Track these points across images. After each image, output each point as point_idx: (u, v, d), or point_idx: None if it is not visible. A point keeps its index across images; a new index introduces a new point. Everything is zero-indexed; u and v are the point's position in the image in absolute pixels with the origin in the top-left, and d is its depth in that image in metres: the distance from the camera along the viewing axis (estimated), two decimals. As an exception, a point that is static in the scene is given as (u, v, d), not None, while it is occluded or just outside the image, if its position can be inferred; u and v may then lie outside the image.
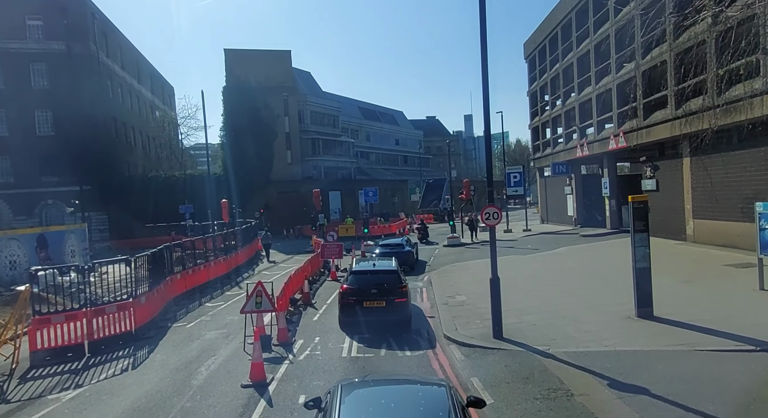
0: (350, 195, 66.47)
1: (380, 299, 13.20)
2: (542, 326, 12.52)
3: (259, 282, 12.99)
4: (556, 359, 10.06)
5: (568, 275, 19.51)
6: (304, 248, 37.14)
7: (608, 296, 15.11)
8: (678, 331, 11.12)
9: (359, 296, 13.35)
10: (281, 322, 13.13)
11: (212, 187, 53.17)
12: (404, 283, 13.92)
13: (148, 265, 15.15)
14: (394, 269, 14.38)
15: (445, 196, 65.62)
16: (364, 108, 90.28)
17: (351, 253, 29.18)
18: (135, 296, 13.94)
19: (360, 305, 13.24)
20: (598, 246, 26.97)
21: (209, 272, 22.53)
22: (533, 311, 14.22)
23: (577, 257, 24.06)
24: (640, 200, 11.87)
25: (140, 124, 62.58)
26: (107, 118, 52.67)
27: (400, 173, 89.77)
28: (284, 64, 61.07)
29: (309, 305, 17.59)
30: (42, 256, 25.46)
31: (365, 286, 13.52)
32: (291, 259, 32.14)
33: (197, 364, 11.53)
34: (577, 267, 21.14)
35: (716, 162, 21.17)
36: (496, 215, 12.28)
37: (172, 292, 18.11)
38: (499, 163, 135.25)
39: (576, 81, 33.91)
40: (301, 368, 10.91)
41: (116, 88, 56.26)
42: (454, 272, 22.21)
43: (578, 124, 33.96)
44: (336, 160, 69.69)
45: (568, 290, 16.73)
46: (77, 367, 11.75)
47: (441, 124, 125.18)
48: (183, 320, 16.13)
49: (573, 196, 37.12)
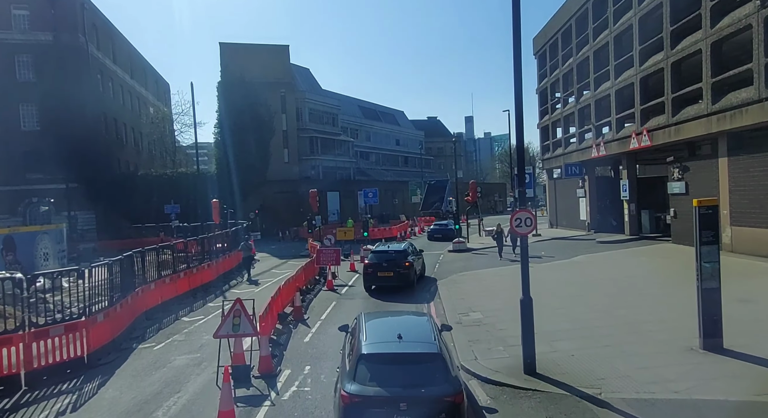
0: (349, 196, 64.22)
1: (389, 270, 19.02)
2: (583, 358, 10.22)
3: (237, 300, 10.72)
4: (615, 411, 7.76)
5: (595, 288, 17.22)
6: (299, 252, 34.85)
7: (653, 319, 12.81)
8: (765, 371, 8.82)
9: (375, 267, 19.24)
10: (264, 349, 10.80)
11: (205, 186, 51.25)
12: (409, 260, 19.39)
13: (111, 275, 12.84)
14: (401, 249, 20.14)
15: (448, 198, 63.39)
16: (365, 107, 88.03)
17: (350, 258, 26.89)
18: (90, 314, 11.62)
19: (375, 275, 19.23)
20: (620, 254, 24.65)
21: (191, 279, 20.22)
22: (567, 335, 11.92)
23: (599, 266, 21.74)
24: (708, 205, 9.55)
25: (133, 121, 60.30)
26: (97, 114, 50.43)
27: (400, 174, 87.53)
28: (282, 60, 58.81)
29: (301, 322, 15.27)
30: (9, 259, 23.13)
31: (380, 261, 19.35)
32: (285, 264, 29.83)
33: (155, 404, 9.20)
34: (604, 279, 18.82)
35: (761, 162, 18.86)
36: (530, 222, 9.99)
37: (144, 305, 15.80)
38: (500, 165, 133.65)
39: (592, 76, 31.65)
40: (284, 413, 8.60)
41: (107, 83, 54.03)
42: (464, 282, 19.90)
43: (594, 123, 31.69)
44: (335, 159, 67.42)
45: (602, 307, 14.43)
46: (5, 406, 9.43)
47: (442, 125, 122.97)
48: (152, 340, 13.79)
49: (586, 200, 34.85)
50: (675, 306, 13.74)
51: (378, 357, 7.12)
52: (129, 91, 61.31)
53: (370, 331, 7.89)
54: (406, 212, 65.59)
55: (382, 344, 7.45)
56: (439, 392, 6.71)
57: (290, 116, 59.65)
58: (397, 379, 6.85)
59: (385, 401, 6.64)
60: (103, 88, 52.62)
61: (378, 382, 6.80)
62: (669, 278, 18.09)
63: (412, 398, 6.64)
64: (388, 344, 7.42)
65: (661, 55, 24.06)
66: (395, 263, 19.05)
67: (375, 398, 6.67)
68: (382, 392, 6.69)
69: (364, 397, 6.67)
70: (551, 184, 42.01)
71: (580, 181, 35.52)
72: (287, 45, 59.17)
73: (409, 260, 19.37)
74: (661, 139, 24.54)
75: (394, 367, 7.03)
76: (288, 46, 59.29)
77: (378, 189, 47.08)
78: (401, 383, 6.80)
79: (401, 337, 7.49)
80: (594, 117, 31.73)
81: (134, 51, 63.59)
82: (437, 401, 6.66)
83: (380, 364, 7.03)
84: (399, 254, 19.63)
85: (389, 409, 6.59)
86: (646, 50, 25.59)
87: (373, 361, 7.05)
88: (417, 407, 6.58)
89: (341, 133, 70.34)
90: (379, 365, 7.00)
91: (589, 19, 31.81)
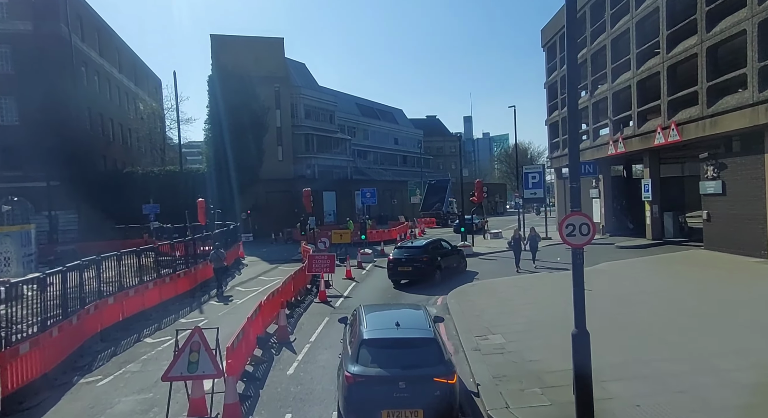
0: (346, 196, 61.69)
1: (408, 265, 20.15)
2: (654, 411, 7.70)
3: (195, 330, 8.17)
4: None
5: (634, 305, 14.67)
6: (292, 255, 32.34)
7: (725, 349, 10.26)
8: None
9: (396, 263, 20.41)
10: (231, 394, 8.19)
11: (194, 185, 48.65)
12: (427, 256, 20.28)
13: (44, 292, 10.26)
14: (420, 245, 21.08)
15: (449, 199, 60.90)
16: (362, 105, 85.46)
17: (346, 263, 24.36)
18: (9, 345, 9.04)
19: (396, 269, 20.40)
20: (648, 262, 22.06)
21: (163, 290, 17.67)
22: (620, 372, 9.40)
23: (630, 276, 19.16)
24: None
25: (121, 117, 57.62)
26: (81, 108, 47.83)
27: (399, 174, 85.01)
28: (276, 53, 56.22)
29: (285, 345, 12.72)
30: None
31: (401, 256, 20.49)
32: (274, 270, 27.25)
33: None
34: (640, 293, 16.25)
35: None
36: (586, 229, 7.48)
37: (99, 323, 13.24)
38: (499, 166, 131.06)
39: (609, 67, 29.16)
40: None
41: (92, 76, 51.39)
42: (476, 294, 17.36)
43: (611, 117, 29.21)
44: (332, 158, 64.85)
45: (651, 331, 11.90)
46: None
47: (441, 124, 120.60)
48: (99, 371, 11.21)
49: (601, 201, 32.38)
50: (748, 333, 11.23)
51: (378, 342, 7.73)
52: (117, 86, 58.66)
53: (369, 320, 8.50)
54: (405, 213, 63.06)
55: (382, 330, 8.13)
56: (434, 373, 7.26)
57: (285, 112, 57.07)
58: (396, 361, 7.42)
59: (385, 380, 7.19)
60: (87, 81, 50.01)
61: (379, 363, 7.38)
62: (724, 293, 15.53)
63: (410, 378, 7.19)
64: (387, 330, 8.10)
65: (694, 39, 21.54)
66: (414, 259, 20.26)
67: (376, 377, 7.23)
68: (383, 372, 7.26)
69: (367, 377, 7.22)
70: (560, 184, 39.53)
71: (594, 181, 33.05)
72: (282, 38, 56.57)
73: (426, 255, 20.38)
74: (692, 134, 22.05)
75: (393, 350, 7.62)
76: (282, 38, 56.74)
77: (376, 189, 44.58)
78: (400, 365, 7.35)
79: (399, 324, 8.14)
80: (611, 111, 29.25)
81: (123, 44, 60.94)
82: (433, 381, 7.19)
83: (380, 348, 7.62)
84: (418, 249, 20.83)
85: (389, 387, 7.13)
86: (676, 34, 23.09)
87: (374, 345, 7.64)
88: (414, 386, 7.13)
89: (338, 131, 67.79)
90: (379, 349, 7.59)
91: (607, 4, 29.33)
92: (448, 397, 7.24)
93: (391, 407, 7.05)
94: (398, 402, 7.06)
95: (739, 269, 18.66)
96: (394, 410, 7.05)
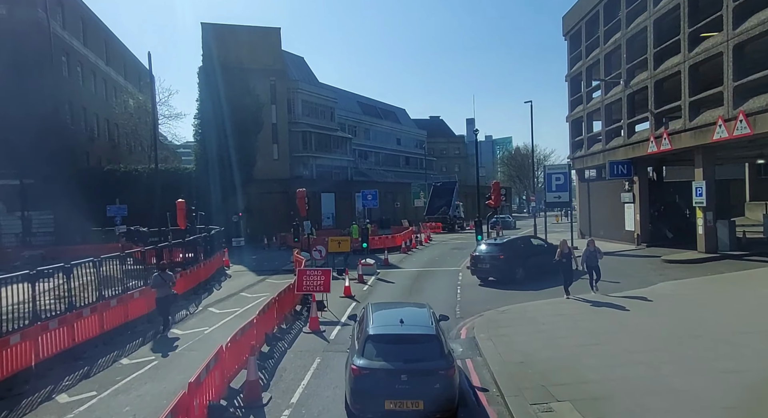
0: (346, 198, 57.83)
1: (486, 262, 20.26)
2: None
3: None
4: None
5: (748, 357, 10.50)
6: (284, 264, 28.53)
7: None
8: None
9: (476, 260, 20.52)
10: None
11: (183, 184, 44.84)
12: (504, 254, 19.99)
13: None
14: (500, 243, 21.20)
15: (456, 202, 56.99)
16: (364, 103, 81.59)
17: (344, 277, 20.41)
18: None
19: (476, 265, 20.47)
20: (719, 283, 17.64)
21: (129, 308, 13.86)
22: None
23: (709, 304, 14.75)
24: None
25: (107, 112, 53.77)
26: (60, 101, 44.23)
27: (401, 175, 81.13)
28: (272, 44, 52.43)
29: (253, 412, 8.76)
30: None
31: (480, 253, 20.50)
32: (261, 283, 23.30)
33: None
34: (745, 334, 11.95)
35: None
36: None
37: (25, 358, 9.32)
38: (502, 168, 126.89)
39: (651, 51, 25.24)
40: None
41: (75, 67, 47.65)
42: (511, 326, 13.36)
43: (653, 110, 25.29)
44: (331, 158, 60.95)
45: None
46: None
47: (445, 125, 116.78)
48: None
49: (635, 206, 28.42)
50: None
51: (382, 337, 8.20)
52: (104, 79, 54.87)
53: (376, 317, 8.99)
54: (408, 217, 59.15)
55: (387, 326, 8.57)
56: (434, 366, 7.73)
57: (281, 108, 53.26)
58: (399, 355, 7.86)
59: (388, 373, 7.67)
60: (69, 72, 46.29)
61: (382, 357, 7.87)
62: None
63: (411, 371, 7.66)
64: (392, 326, 8.54)
65: None
66: (492, 257, 19.92)
67: (380, 370, 7.72)
68: (386, 365, 7.75)
69: (371, 369, 7.74)
70: (583, 186, 35.57)
71: (627, 184, 29.12)
72: (278, 27, 52.77)
73: (504, 253, 19.84)
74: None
75: (396, 345, 8.07)
76: (279, 28, 52.99)
77: (378, 191, 40.70)
78: (402, 359, 7.80)
79: (403, 321, 8.60)
80: (652, 103, 25.33)
81: (111, 35, 57.10)
82: (432, 373, 7.67)
83: (384, 343, 8.10)
84: (496, 246, 20.49)
85: (392, 379, 7.62)
86: (744, 6, 19.18)
87: (379, 340, 8.12)
88: (415, 378, 7.60)
89: (338, 129, 63.93)
90: (384, 344, 8.07)
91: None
92: (448, 389, 7.63)
93: (394, 398, 7.45)
94: (400, 393, 7.47)
95: None
96: (396, 400, 7.44)
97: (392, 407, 7.45)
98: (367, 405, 7.65)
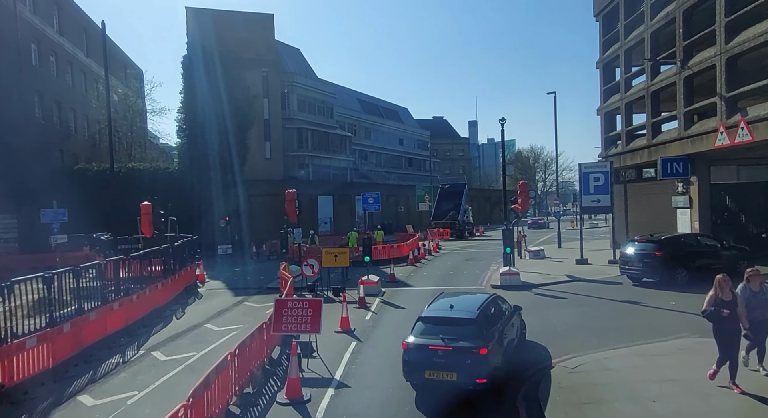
0: (345, 201, 53.08)
1: (638, 262, 19.17)
2: None
3: None
4: None
5: None
6: (270, 280, 23.86)
7: None
8: None
9: (626, 259, 19.77)
10: None
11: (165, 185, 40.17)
12: (662, 251, 18.73)
13: None
14: (658, 240, 19.37)
15: (465, 206, 52.17)
16: (365, 101, 76.82)
17: (342, 298, 15.61)
18: None
19: (625, 265, 19.94)
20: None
21: (55, 346, 9.10)
22: None
23: None
24: None
25: (86, 107, 48.89)
26: (28, 93, 39.54)
27: (403, 177, 76.35)
28: (265, 32, 47.72)
29: None
30: None
31: (631, 252, 19.60)
32: (237, 307, 18.51)
33: None
34: None
35: None
36: None
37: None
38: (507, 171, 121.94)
39: (721, 21, 20.48)
40: None
41: (47, 57, 42.97)
42: (592, 398, 8.54)
43: (723, 93, 20.54)
44: (329, 157, 56.17)
45: None
46: None
47: (449, 125, 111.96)
48: None
49: (693, 212, 23.63)
50: None
51: (429, 319, 9.74)
52: (83, 72, 50.10)
53: (434, 303, 10.68)
54: (412, 221, 54.36)
55: (438, 310, 10.14)
56: (468, 345, 8.88)
57: (274, 102, 48.50)
58: (440, 334, 9.21)
59: (428, 348, 9.04)
60: (40, 62, 41.57)
61: (427, 335, 9.35)
62: None
63: (447, 347, 8.93)
64: (442, 310, 10.07)
65: None
66: (645, 255, 18.69)
67: (422, 345, 9.15)
68: (427, 341, 9.17)
69: (415, 344, 9.21)
70: (618, 188, 30.67)
71: (681, 185, 24.34)
72: (271, 14, 48.18)
73: (661, 250, 18.34)
74: None
75: (440, 326, 9.44)
76: (272, 14, 48.28)
77: (380, 194, 35.96)
78: (443, 337, 9.10)
79: (452, 306, 10.09)
80: (722, 85, 20.58)
81: (92, 24, 52.07)
82: (466, 351, 8.82)
83: (431, 324, 9.58)
84: (652, 243, 18.92)
85: (430, 353, 8.98)
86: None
87: (426, 321, 9.67)
88: (450, 354, 8.86)
89: (337, 127, 59.13)
90: (430, 325, 9.57)
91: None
92: (478, 365, 8.73)
93: (432, 369, 8.89)
94: (437, 365, 8.86)
95: None
96: (433, 371, 8.88)
97: (430, 377, 8.93)
98: (412, 374, 9.19)
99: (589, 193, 25.28)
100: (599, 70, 32.21)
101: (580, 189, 26.23)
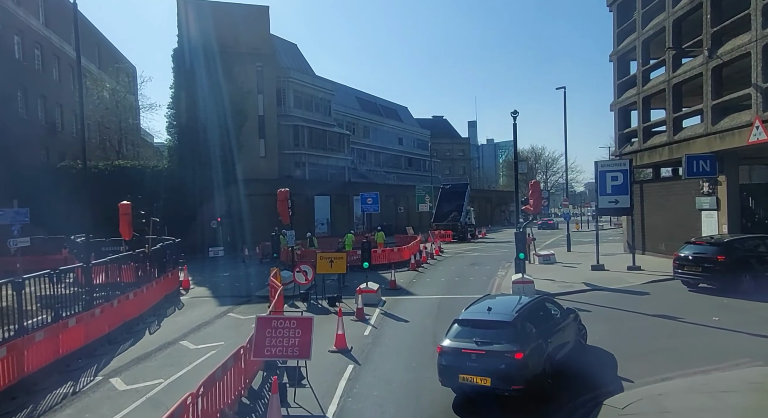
0: (343, 202, 51.12)
1: (698, 264, 17.58)
2: None
3: None
4: None
5: None
6: (261, 286, 21.94)
7: None
8: None
9: (683, 262, 18.04)
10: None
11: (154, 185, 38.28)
12: (725, 255, 17.35)
13: None
14: (720, 242, 17.83)
15: (467, 207, 50.21)
16: (363, 99, 74.85)
17: (336, 308, 13.57)
18: None
19: (681, 268, 18.30)
20: None
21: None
22: None
23: None
24: None
25: (74, 102, 46.69)
26: (9, 87, 37.50)
27: (403, 178, 74.39)
28: (260, 25, 45.73)
29: None
30: None
31: (688, 254, 18.09)
32: (220, 320, 16.53)
33: None
34: None
35: None
36: None
37: None
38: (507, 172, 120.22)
39: (758, 5, 18.64)
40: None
41: (31, 50, 41.01)
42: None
43: (759, 84, 18.67)
44: (326, 156, 54.21)
45: None
46: None
47: (450, 125, 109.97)
48: None
49: (721, 214, 21.73)
50: None
51: (465, 322, 9.42)
52: (70, 66, 47.89)
53: (473, 305, 10.31)
54: (412, 223, 52.41)
55: (475, 312, 9.80)
56: (502, 349, 8.56)
57: (269, 98, 46.52)
58: (476, 337, 8.92)
59: (462, 352, 8.78)
60: (24, 55, 39.56)
61: (462, 338, 9.08)
62: None
63: (481, 351, 8.64)
64: (479, 313, 9.71)
65: None
66: (706, 258, 17.25)
67: (456, 348, 8.89)
68: (462, 344, 8.89)
69: (451, 348, 8.96)
70: (635, 189, 28.81)
71: (707, 185, 22.44)
72: (267, 6, 46.08)
73: (725, 253, 16.75)
74: None
75: (475, 329, 9.15)
76: (267, 7, 46.29)
77: (378, 194, 34.01)
78: (477, 341, 8.82)
79: (490, 309, 9.68)
80: (758, 75, 18.70)
81: (82, 17, 49.93)
82: (500, 355, 8.50)
83: (466, 327, 9.29)
84: (713, 246, 17.42)
85: (465, 357, 8.71)
86: None
87: (462, 324, 9.38)
88: (484, 358, 8.57)
89: (335, 125, 57.16)
90: (465, 328, 9.27)
91: None
92: (514, 370, 8.34)
93: (466, 373, 8.60)
94: (471, 370, 8.58)
95: None
96: (467, 376, 8.59)
97: (464, 381, 8.65)
98: (446, 378, 8.96)
99: (606, 194, 23.35)
100: (613, 64, 30.28)
101: (596, 189, 24.30)
